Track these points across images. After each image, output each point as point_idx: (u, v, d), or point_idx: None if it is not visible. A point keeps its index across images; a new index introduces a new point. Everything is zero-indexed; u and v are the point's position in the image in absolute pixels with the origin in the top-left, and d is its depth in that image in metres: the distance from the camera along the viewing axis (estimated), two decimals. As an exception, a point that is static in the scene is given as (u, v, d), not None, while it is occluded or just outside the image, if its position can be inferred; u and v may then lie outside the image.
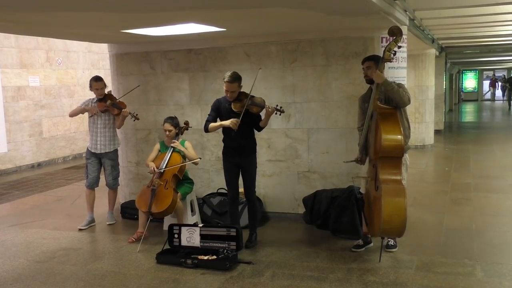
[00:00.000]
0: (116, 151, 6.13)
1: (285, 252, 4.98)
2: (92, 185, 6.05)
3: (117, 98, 6.08)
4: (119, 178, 6.26)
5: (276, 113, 4.85)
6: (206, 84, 6.43)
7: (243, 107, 4.85)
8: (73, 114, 6.08)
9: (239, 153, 5.07)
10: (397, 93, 4.43)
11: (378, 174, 4.34)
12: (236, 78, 4.84)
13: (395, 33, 4.34)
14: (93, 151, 6.00)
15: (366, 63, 4.64)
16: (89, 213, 6.12)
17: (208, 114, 5.09)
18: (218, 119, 5.09)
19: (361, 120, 4.85)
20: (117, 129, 6.13)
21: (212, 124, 5.00)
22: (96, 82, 5.91)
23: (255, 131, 5.15)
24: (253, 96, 4.93)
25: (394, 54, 4.41)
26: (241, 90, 4.95)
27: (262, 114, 4.97)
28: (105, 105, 5.87)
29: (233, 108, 4.91)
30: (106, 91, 6.04)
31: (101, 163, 6.08)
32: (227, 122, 4.86)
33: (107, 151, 5.99)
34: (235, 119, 4.82)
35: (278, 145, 6.16)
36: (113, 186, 6.16)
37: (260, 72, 5.28)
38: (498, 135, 14.79)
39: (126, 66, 6.79)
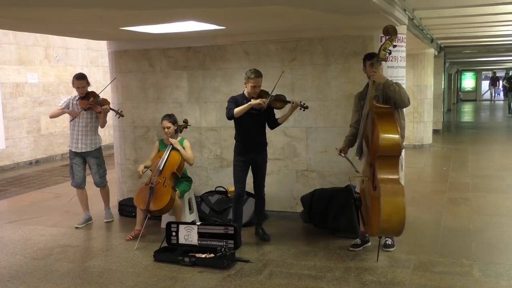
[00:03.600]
0: (99, 149, 6.01)
1: (282, 250, 4.98)
2: (80, 185, 5.96)
3: (99, 95, 5.90)
4: (106, 176, 6.12)
5: (300, 109, 4.99)
6: (205, 82, 6.42)
7: (264, 103, 4.95)
8: (53, 116, 5.94)
9: (255, 149, 5.17)
10: (398, 94, 4.43)
11: (376, 173, 4.34)
12: (260, 73, 5.02)
13: (390, 32, 4.34)
14: (74, 150, 5.88)
15: (374, 59, 4.55)
16: (85, 212, 6.08)
17: (228, 107, 5.03)
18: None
19: (354, 117, 4.87)
20: (100, 128, 5.98)
21: (238, 108, 4.92)
22: (78, 80, 5.78)
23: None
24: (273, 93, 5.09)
25: (390, 53, 4.41)
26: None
27: (281, 111, 5.14)
28: (88, 103, 5.72)
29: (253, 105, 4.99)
30: (88, 89, 5.90)
31: (85, 162, 5.98)
32: (256, 102, 4.91)
33: (89, 150, 5.88)
34: (263, 99, 4.93)
35: (277, 143, 6.16)
36: (101, 185, 6.07)
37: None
38: (496, 135, 14.83)
39: (125, 64, 6.77)
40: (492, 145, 12.35)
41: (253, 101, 4.94)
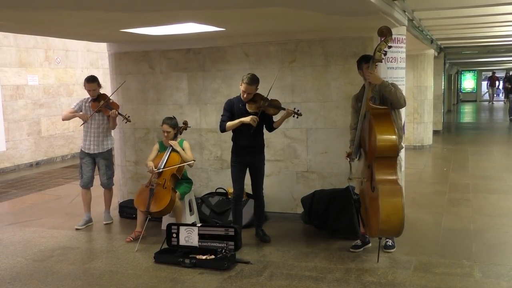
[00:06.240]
0: (110, 150, 6.07)
1: (283, 252, 4.98)
2: (87, 185, 6.01)
3: (110, 98, 5.97)
4: (113, 178, 6.19)
5: (294, 116, 4.96)
6: (205, 84, 6.43)
7: (258, 108, 4.97)
8: (65, 118, 6.07)
9: (251, 152, 5.17)
10: (394, 95, 4.43)
11: (374, 174, 4.34)
12: (255, 81, 4.97)
13: (385, 33, 4.34)
14: (86, 151, 5.95)
15: (367, 63, 4.59)
16: (86, 213, 6.10)
17: (222, 115, 5.13)
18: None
19: (354, 119, 4.87)
20: (111, 130, 6.07)
21: (230, 122, 5.02)
22: (89, 83, 5.84)
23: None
24: (267, 98, 5.06)
25: (385, 54, 4.41)
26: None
27: (277, 115, 5.11)
28: (99, 105, 5.81)
29: (248, 109, 5.02)
30: (100, 91, 5.97)
31: (95, 163, 6.03)
32: (247, 119, 4.92)
33: (100, 151, 5.94)
34: (254, 116, 4.92)
35: (277, 145, 6.16)
36: (107, 186, 6.12)
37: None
38: (496, 136, 14.83)
39: (125, 66, 6.78)
40: (492, 146, 12.34)
41: (244, 119, 4.95)
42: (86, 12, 4.28)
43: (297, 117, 5.03)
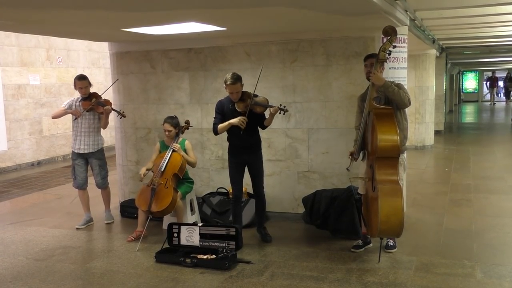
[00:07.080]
0: (102, 150, 6.03)
1: (284, 252, 4.98)
2: (82, 186, 5.99)
3: (101, 96, 5.93)
4: (108, 177, 6.14)
5: (279, 113, 4.91)
6: (206, 83, 6.43)
7: (246, 107, 4.94)
8: (55, 116, 5.97)
9: (246, 151, 5.15)
10: (397, 95, 4.41)
11: (375, 174, 4.34)
12: (237, 79, 4.93)
13: (389, 32, 4.33)
14: (77, 151, 5.91)
15: (369, 59, 4.61)
16: (85, 213, 6.09)
17: (214, 117, 5.14)
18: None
19: (359, 119, 4.85)
20: (102, 129, 6.00)
21: (220, 125, 5.03)
22: (80, 81, 5.81)
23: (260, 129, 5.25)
24: (256, 96, 5.02)
25: (389, 54, 4.40)
26: (244, 90, 5.04)
27: (266, 113, 5.05)
28: (90, 104, 5.75)
29: (237, 109, 5.00)
30: (91, 89, 5.94)
31: (87, 163, 6.00)
32: (235, 121, 4.91)
33: (91, 151, 5.90)
34: (242, 117, 4.89)
35: (278, 144, 6.16)
36: (102, 186, 6.09)
37: (261, 71, 5.27)
38: (498, 136, 14.80)
39: (127, 65, 6.78)
40: (493, 146, 12.33)
41: (232, 120, 4.93)
42: (87, 11, 4.28)
43: (284, 114, 4.94)
